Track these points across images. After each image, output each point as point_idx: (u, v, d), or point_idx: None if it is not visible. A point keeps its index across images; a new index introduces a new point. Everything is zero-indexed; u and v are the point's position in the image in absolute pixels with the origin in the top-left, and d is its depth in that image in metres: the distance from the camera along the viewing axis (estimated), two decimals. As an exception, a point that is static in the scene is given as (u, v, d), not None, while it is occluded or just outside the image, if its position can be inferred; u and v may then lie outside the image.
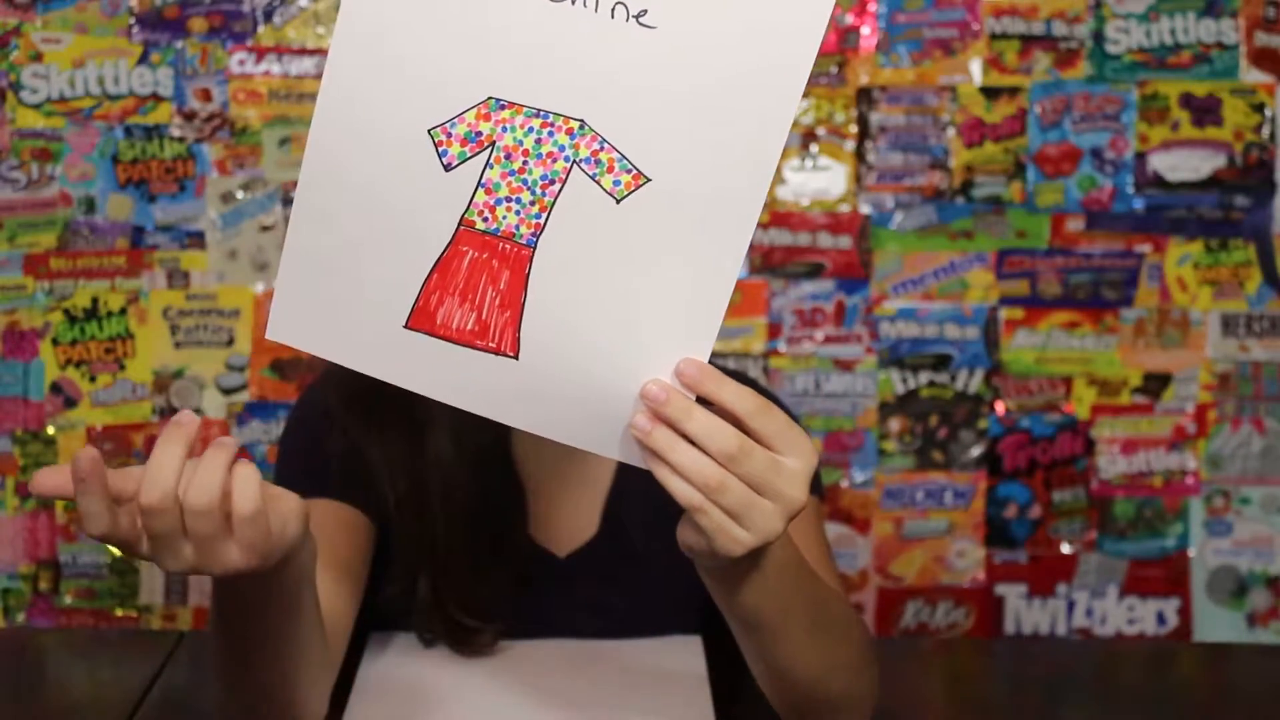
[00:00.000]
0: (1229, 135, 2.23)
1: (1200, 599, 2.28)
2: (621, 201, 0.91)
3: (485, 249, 0.92)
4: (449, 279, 0.93)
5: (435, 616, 1.32)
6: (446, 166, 0.92)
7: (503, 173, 0.92)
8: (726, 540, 0.95)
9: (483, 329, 0.94)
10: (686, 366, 0.93)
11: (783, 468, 0.94)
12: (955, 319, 2.25)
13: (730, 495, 0.93)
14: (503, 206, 0.92)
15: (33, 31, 2.19)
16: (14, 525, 2.24)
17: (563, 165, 0.92)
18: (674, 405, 0.92)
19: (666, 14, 0.88)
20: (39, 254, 2.21)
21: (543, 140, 0.91)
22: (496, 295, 0.93)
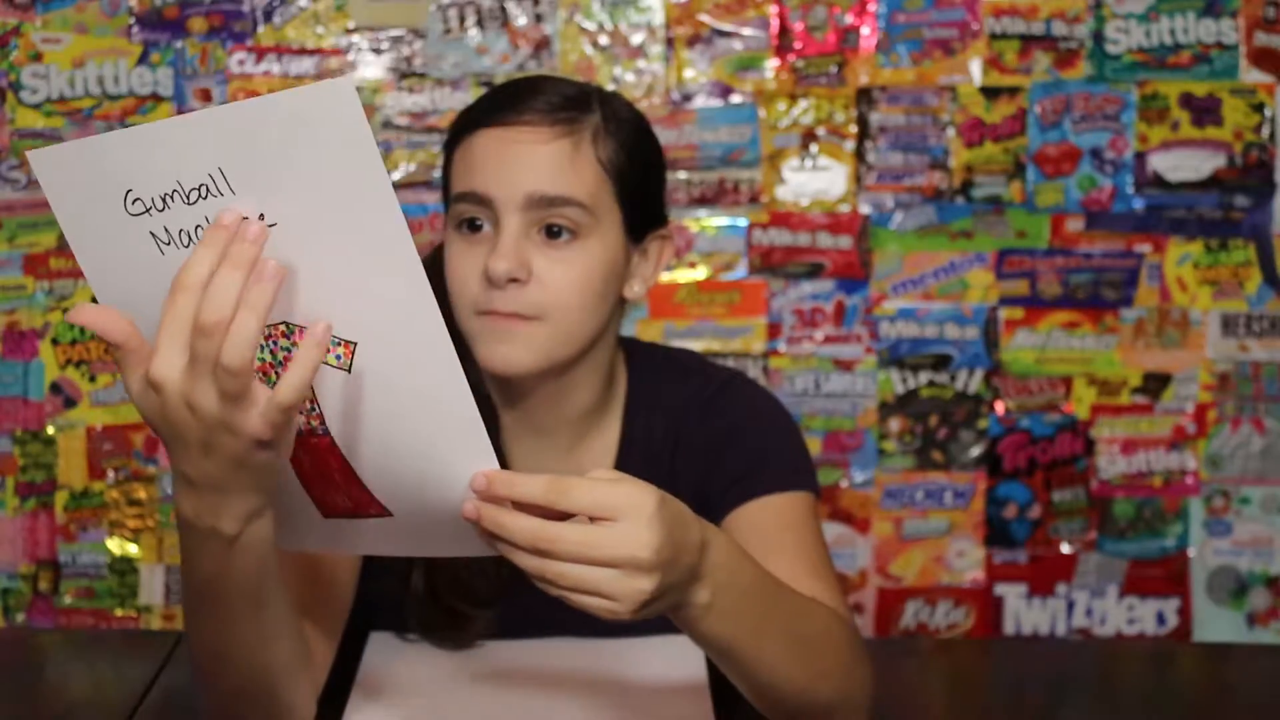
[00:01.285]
0: (1229, 135, 2.23)
1: (1200, 599, 2.28)
2: (351, 369, 0.97)
3: (305, 449, 1.01)
4: (310, 479, 1.03)
5: (428, 606, 1.32)
6: None
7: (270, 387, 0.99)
8: (603, 613, 0.98)
9: (358, 504, 1.03)
10: (476, 481, 0.97)
11: (602, 538, 0.96)
12: (955, 319, 2.24)
13: (567, 578, 0.96)
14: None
15: (32, 31, 2.19)
16: (14, 525, 2.24)
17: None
18: (486, 520, 0.97)
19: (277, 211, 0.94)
20: (39, 254, 2.21)
21: (274, 350, 0.97)
22: (339, 477, 1.02)
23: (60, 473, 2.23)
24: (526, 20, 2.21)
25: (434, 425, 0.98)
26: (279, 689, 1.12)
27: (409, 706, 1.23)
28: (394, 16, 2.22)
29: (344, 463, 1.01)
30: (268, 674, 1.11)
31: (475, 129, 1.32)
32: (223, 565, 1.03)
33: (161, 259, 0.97)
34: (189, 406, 0.94)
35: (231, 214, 0.94)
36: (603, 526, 0.96)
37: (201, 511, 0.99)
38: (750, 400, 1.45)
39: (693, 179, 2.22)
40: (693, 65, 2.21)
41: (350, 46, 2.22)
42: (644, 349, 1.51)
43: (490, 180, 1.28)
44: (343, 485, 1.03)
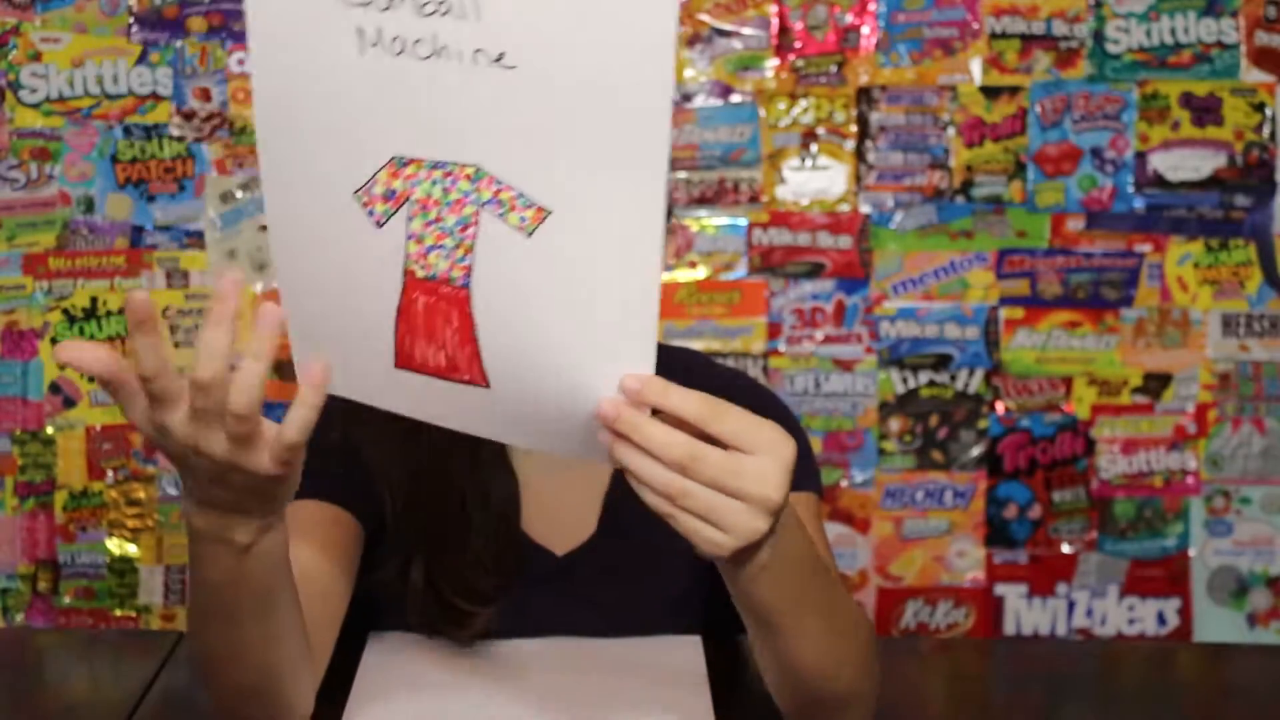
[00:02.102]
0: (1229, 135, 2.23)
1: (1200, 599, 2.28)
2: (532, 235, 0.94)
3: (431, 294, 0.97)
4: (412, 324, 0.99)
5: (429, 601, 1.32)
6: (377, 224, 0.97)
7: (424, 223, 0.96)
8: (704, 543, 0.96)
9: (451, 365, 0.99)
10: (628, 382, 0.95)
11: (745, 467, 0.95)
12: (955, 319, 2.24)
13: (694, 499, 0.94)
14: (433, 254, 0.97)
15: (32, 31, 2.19)
16: (13, 525, 2.23)
17: (471, 209, 0.95)
18: (622, 421, 0.94)
19: (522, 54, 0.90)
20: (38, 254, 2.21)
21: (448, 189, 0.95)
22: (454, 334, 0.98)
23: (59, 473, 2.23)
24: (526, 20, 2.21)
25: (605, 318, 0.95)
26: (283, 686, 1.12)
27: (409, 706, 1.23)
28: (394, 16, 2.21)
29: (468, 320, 0.97)
30: (273, 672, 1.11)
31: None
32: (234, 573, 1.03)
33: (356, 60, 0.93)
34: (196, 452, 0.94)
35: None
36: (745, 457, 0.95)
37: (213, 526, 1.00)
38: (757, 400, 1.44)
39: (693, 178, 2.22)
40: (693, 64, 2.21)
41: (350, 46, 2.21)
42: None
43: None
44: (449, 342, 0.98)
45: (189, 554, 1.04)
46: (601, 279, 0.94)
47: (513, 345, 0.97)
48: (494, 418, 1.01)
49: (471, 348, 0.98)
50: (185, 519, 1.02)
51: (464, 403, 1.00)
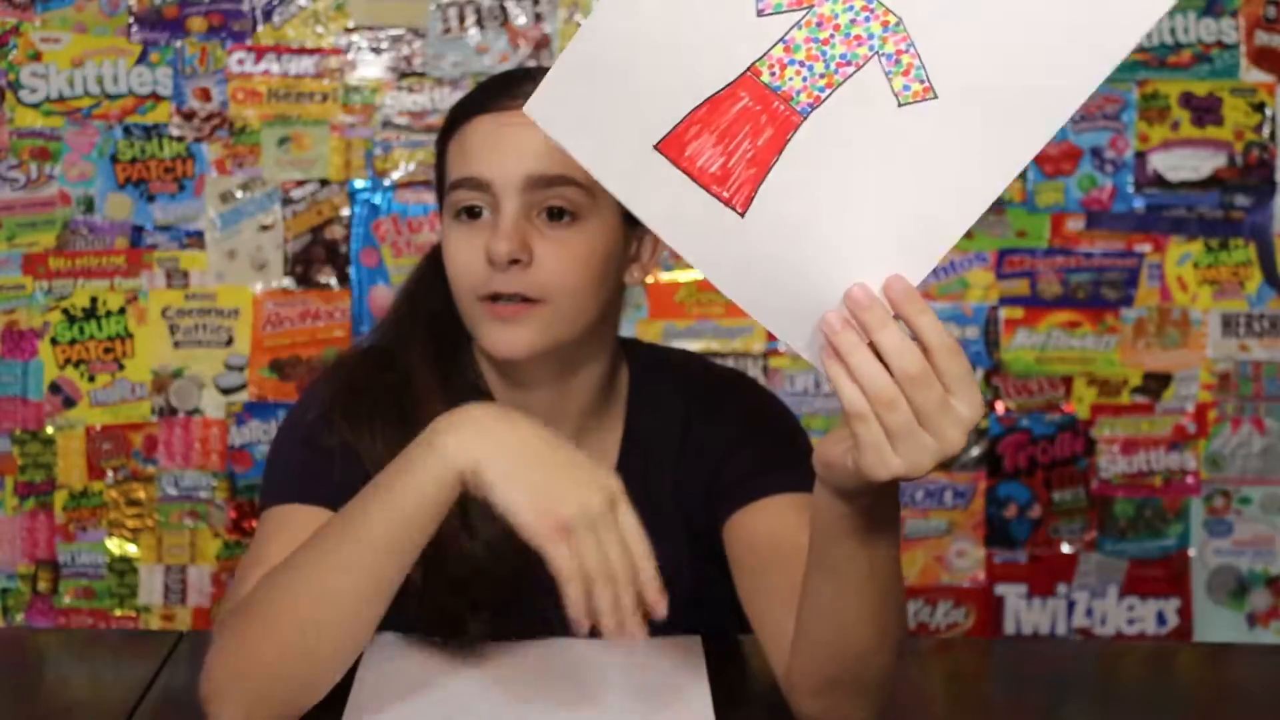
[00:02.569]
0: (1229, 135, 2.23)
1: (1200, 599, 2.28)
2: (902, 107, 0.92)
3: (760, 101, 0.94)
4: (714, 117, 0.94)
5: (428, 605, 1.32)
6: (759, 11, 0.94)
7: (808, 37, 0.93)
8: (875, 459, 0.96)
9: (724, 175, 0.95)
10: (896, 282, 0.95)
11: (952, 409, 0.95)
12: (955, 319, 2.24)
13: (896, 415, 0.94)
14: (793, 69, 0.94)
15: (32, 31, 2.19)
16: (13, 525, 2.23)
17: (865, 52, 0.93)
18: (874, 312, 0.94)
19: None
20: (38, 253, 2.21)
21: (857, 21, 0.93)
22: (751, 149, 0.94)
23: (59, 473, 2.23)
24: (526, 19, 2.21)
25: (910, 219, 0.94)
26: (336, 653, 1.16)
27: (408, 707, 1.23)
28: (394, 16, 2.21)
29: (778, 144, 0.95)
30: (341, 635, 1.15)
31: (469, 117, 1.31)
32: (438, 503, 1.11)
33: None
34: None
35: None
36: (951, 398, 0.96)
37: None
38: (757, 401, 1.44)
39: (692, 178, 2.22)
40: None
41: (350, 46, 2.22)
42: (645, 349, 1.51)
43: (487, 164, 1.27)
44: (739, 153, 0.95)
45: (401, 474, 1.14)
46: (934, 185, 0.93)
47: (801, 192, 0.95)
48: (716, 247, 0.97)
49: (758, 171, 0.95)
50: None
51: (699, 219, 0.96)
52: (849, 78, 0.93)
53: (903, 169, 0.94)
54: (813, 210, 0.95)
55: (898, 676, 1.17)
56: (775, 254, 0.96)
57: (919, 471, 0.97)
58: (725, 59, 0.94)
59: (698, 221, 0.96)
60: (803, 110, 0.94)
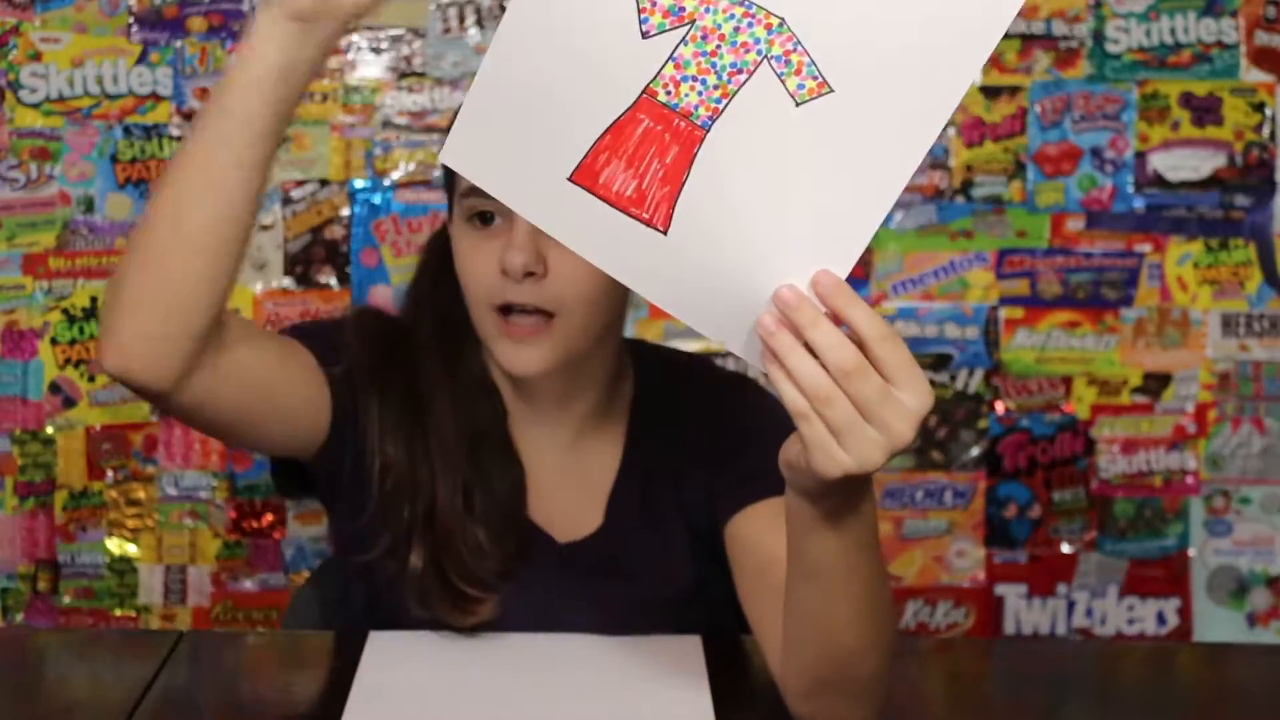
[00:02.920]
0: (1229, 135, 2.23)
1: (1200, 599, 2.28)
2: (800, 105, 0.93)
3: (661, 121, 0.95)
4: (620, 142, 0.96)
5: (430, 586, 1.32)
6: (644, 34, 0.95)
7: (695, 51, 0.94)
8: (824, 457, 0.96)
9: (640, 198, 0.96)
10: (823, 278, 0.95)
11: (893, 400, 0.95)
12: (955, 319, 2.24)
13: (836, 411, 0.94)
14: (687, 84, 0.95)
15: (32, 31, 2.19)
16: (13, 525, 2.23)
17: (753, 58, 0.94)
18: (803, 312, 0.94)
19: None
20: (38, 253, 2.21)
21: (740, 29, 0.93)
22: (660, 169, 0.95)
23: (59, 473, 2.23)
24: (526, 20, 2.21)
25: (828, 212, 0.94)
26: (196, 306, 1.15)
27: (409, 706, 1.23)
28: (394, 16, 2.21)
29: (685, 161, 0.95)
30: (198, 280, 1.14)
31: None
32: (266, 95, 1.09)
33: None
34: None
35: None
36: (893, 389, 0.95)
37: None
38: (759, 404, 1.44)
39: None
40: (692, 65, 2.21)
41: (350, 45, 2.22)
42: (650, 349, 1.51)
43: None
44: (650, 174, 0.97)
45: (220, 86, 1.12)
46: (846, 175, 0.94)
47: (717, 203, 0.96)
48: (646, 265, 0.98)
49: (671, 188, 0.96)
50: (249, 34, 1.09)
51: (624, 241, 0.98)
52: (743, 85, 0.94)
53: (812, 165, 0.94)
54: (731, 218, 0.96)
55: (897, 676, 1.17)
56: (704, 265, 0.97)
57: (870, 466, 0.96)
58: (620, 84, 0.95)
59: (624, 244, 0.97)
60: (704, 124, 0.95)
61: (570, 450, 1.40)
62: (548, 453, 1.40)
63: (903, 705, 1.26)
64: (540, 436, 1.40)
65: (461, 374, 1.38)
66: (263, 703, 1.31)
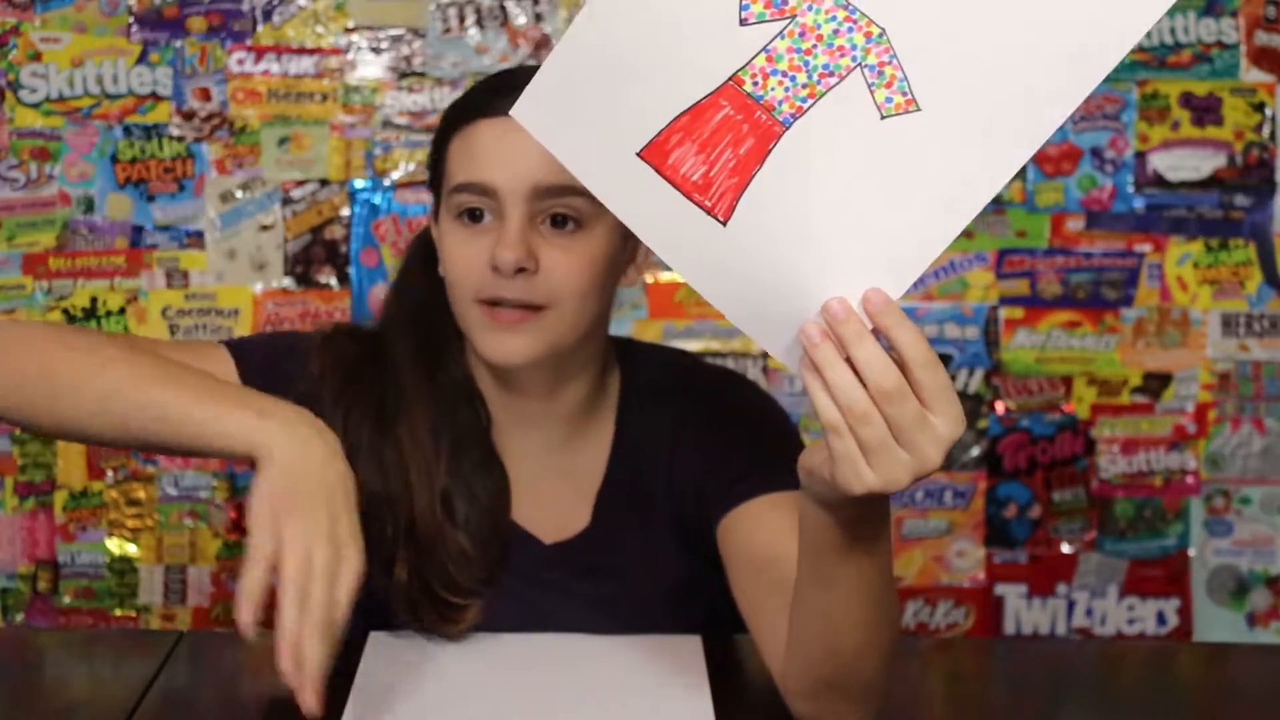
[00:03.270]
0: (1229, 135, 2.23)
1: (1200, 599, 2.28)
2: (885, 119, 0.92)
3: (742, 111, 0.94)
4: (697, 125, 0.94)
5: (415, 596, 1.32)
6: (743, 21, 0.94)
7: (790, 47, 0.93)
8: (850, 473, 0.95)
9: (706, 184, 0.95)
10: (874, 295, 0.95)
11: (929, 425, 0.94)
12: (955, 319, 2.24)
13: (869, 429, 0.94)
14: (776, 78, 0.94)
15: (31, 31, 2.19)
16: (13, 525, 2.23)
17: (847, 63, 0.93)
18: (849, 326, 0.94)
19: None
20: (38, 253, 2.21)
21: (839, 32, 0.93)
22: (733, 158, 0.94)
23: (59, 473, 2.23)
24: (526, 19, 2.21)
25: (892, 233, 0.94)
26: None
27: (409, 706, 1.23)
28: (393, 15, 2.21)
29: (760, 154, 0.94)
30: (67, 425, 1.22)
31: (473, 119, 1.31)
32: None
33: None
34: None
35: None
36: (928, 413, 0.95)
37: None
38: (750, 400, 1.44)
39: (692, 178, 2.22)
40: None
41: (350, 46, 2.22)
42: (637, 348, 1.51)
43: (494, 171, 1.27)
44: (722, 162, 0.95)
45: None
46: (917, 198, 0.93)
47: (783, 202, 0.95)
48: (697, 254, 0.97)
49: (740, 180, 0.95)
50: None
51: (683, 226, 0.96)
52: (832, 89, 0.93)
53: (885, 181, 0.94)
54: (794, 221, 0.95)
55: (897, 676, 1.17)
56: (757, 262, 0.96)
57: (895, 487, 0.96)
58: (708, 68, 0.94)
59: (681, 228, 0.96)
60: (785, 120, 0.94)
61: (557, 451, 1.40)
62: (534, 455, 1.39)
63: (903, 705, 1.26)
64: (526, 438, 1.39)
65: (442, 380, 1.37)
66: (263, 703, 1.31)
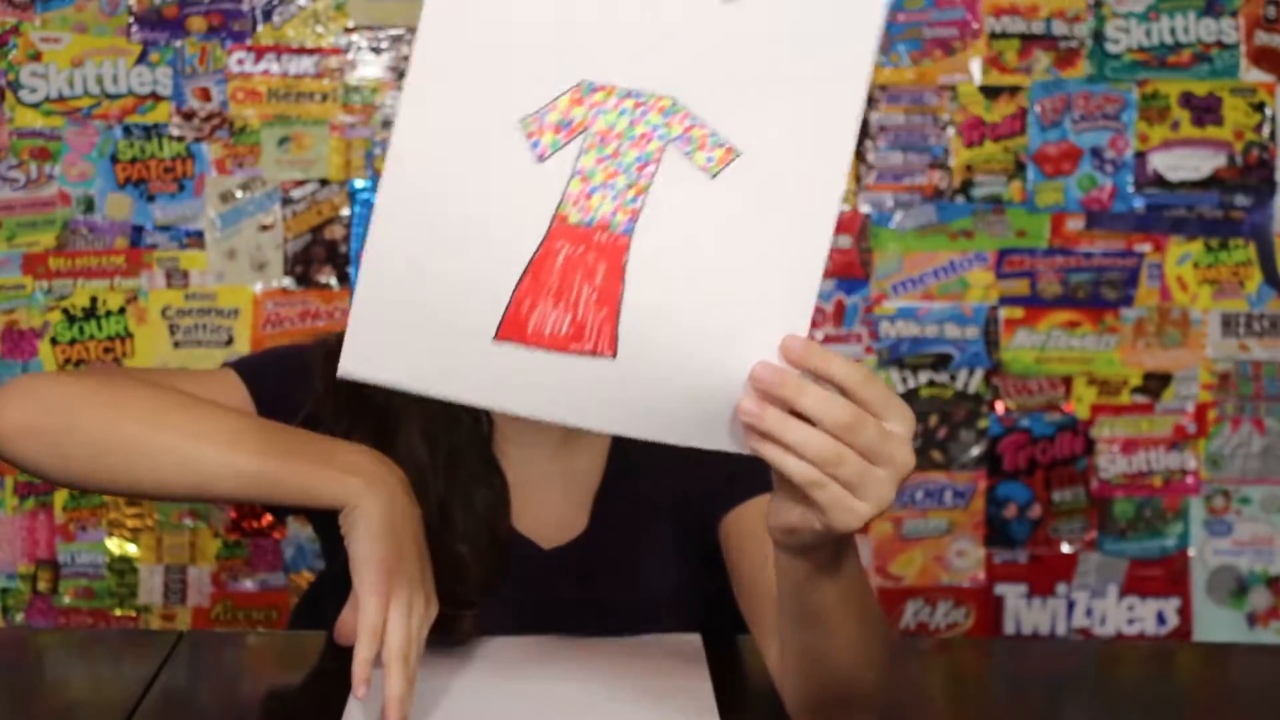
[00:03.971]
0: (1229, 134, 2.23)
1: (1200, 599, 2.28)
2: (715, 177, 0.90)
3: (580, 242, 0.89)
4: (542, 280, 0.89)
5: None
6: (539, 158, 0.89)
7: (597, 158, 0.90)
8: (843, 513, 0.94)
9: (578, 330, 0.90)
10: (792, 343, 0.92)
11: (890, 434, 0.93)
12: (955, 319, 2.24)
13: (847, 467, 0.92)
14: (598, 194, 0.90)
15: (31, 31, 2.19)
16: (13, 525, 2.23)
17: (656, 145, 0.90)
18: (787, 385, 0.91)
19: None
20: (38, 253, 2.21)
21: (636, 121, 0.90)
22: (592, 291, 0.90)
23: (59, 472, 2.23)
24: (526, 19, 2.21)
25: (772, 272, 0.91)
26: None
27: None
28: (393, 15, 2.21)
29: (616, 274, 0.90)
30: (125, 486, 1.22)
31: None
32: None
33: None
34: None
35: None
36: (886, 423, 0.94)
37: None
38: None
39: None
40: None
41: (350, 46, 2.22)
42: None
43: None
44: (583, 301, 0.90)
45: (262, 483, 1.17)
46: (776, 230, 0.91)
47: (661, 303, 0.91)
48: (602, 399, 0.93)
49: (609, 308, 0.90)
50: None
51: (573, 380, 0.91)
52: (654, 176, 0.90)
53: (743, 231, 0.91)
54: (680, 315, 0.92)
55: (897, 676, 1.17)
56: (664, 375, 0.93)
57: (886, 504, 0.95)
58: (527, 220, 0.89)
59: (574, 384, 0.92)
60: (626, 230, 0.90)
61: (556, 455, 1.40)
62: (533, 460, 1.39)
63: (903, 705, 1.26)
64: (526, 444, 1.39)
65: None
66: (263, 703, 1.31)
